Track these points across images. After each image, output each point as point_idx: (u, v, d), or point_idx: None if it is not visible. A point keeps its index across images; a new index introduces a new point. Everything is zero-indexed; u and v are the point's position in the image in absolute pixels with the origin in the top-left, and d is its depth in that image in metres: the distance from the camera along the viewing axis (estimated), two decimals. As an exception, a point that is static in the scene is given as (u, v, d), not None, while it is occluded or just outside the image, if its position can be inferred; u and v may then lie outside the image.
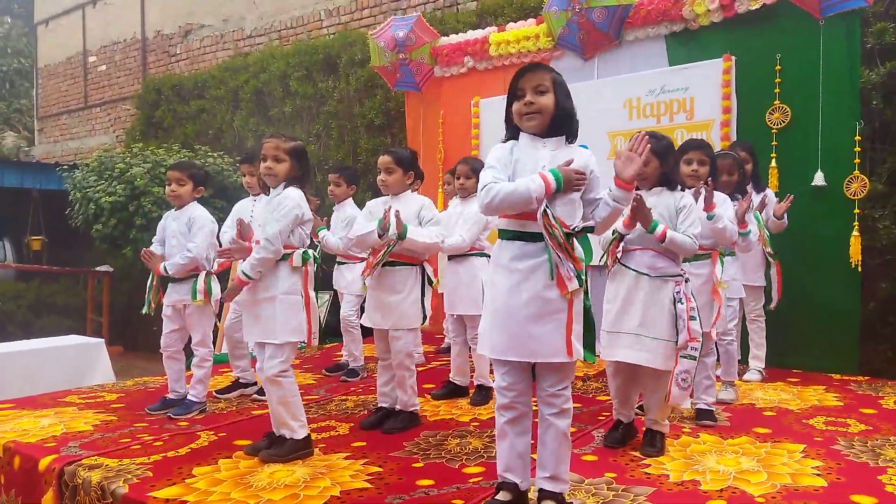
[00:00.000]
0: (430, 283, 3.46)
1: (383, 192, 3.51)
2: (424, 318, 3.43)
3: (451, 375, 4.15)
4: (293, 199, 3.01)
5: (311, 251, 3.16)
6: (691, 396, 3.16)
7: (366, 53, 7.18)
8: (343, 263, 4.76)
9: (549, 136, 2.37)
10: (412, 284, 3.40)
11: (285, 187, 3.06)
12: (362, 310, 3.75)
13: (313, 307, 3.11)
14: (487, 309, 2.38)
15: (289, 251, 3.05)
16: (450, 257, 4.03)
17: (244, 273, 2.98)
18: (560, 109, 2.34)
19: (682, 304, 2.85)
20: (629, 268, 2.95)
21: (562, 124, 2.36)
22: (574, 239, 2.29)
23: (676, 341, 2.84)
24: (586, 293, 2.32)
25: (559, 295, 2.24)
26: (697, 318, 2.91)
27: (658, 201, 2.98)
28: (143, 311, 3.96)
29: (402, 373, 3.44)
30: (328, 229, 4.46)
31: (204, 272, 3.84)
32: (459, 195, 4.07)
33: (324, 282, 4.91)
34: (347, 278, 4.72)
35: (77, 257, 10.39)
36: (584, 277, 2.30)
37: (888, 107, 4.66)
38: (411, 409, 3.48)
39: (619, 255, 3.02)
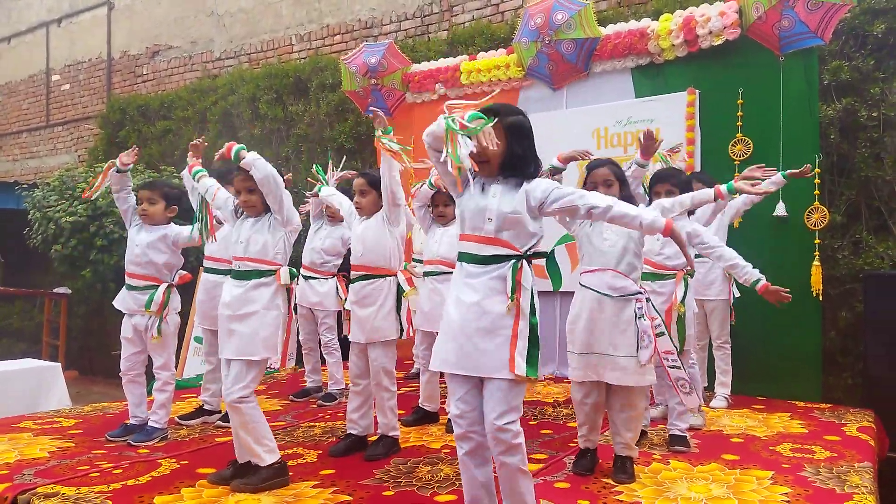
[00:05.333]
0: (402, 292, 3.43)
1: (357, 214, 3.52)
2: (401, 331, 3.41)
3: (420, 401, 4.11)
4: None
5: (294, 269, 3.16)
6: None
7: (337, 78, 7.19)
8: (313, 278, 4.67)
9: (499, 179, 2.39)
10: (385, 296, 3.39)
11: (266, 212, 3.10)
12: (339, 327, 3.71)
13: (292, 327, 3.11)
14: (442, 324, 2.42)
15: (274, 268, 3.03)
16: (426, 273, 4.00)
17: (245, 153, 2.98)
18: (509, 156, 2.35)
19: (644, 320, 2.89)
20: (590, 289, 2.98)
21: (513, 167, 2.37)
22: (526, 263, 2.32)
23: (637, 357, 2.88)
24: (533, 311, 2.31)
25: (505, 311, 2.27)
26: (666, 334, 2.98)
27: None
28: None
29: (380, 394, 3.39)
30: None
31: (164, 284, 3.76)
32: (439, 222, 4.06)
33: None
34: (321, 292, 4.63)
35: (34, 279, 10.08)
36: (531, 297, 2.32)
37: (845, 141, 4.83)
38: (392, 433, 3.42)
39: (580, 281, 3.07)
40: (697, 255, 4.21)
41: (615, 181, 3.03)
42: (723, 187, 3.28)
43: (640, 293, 2.96)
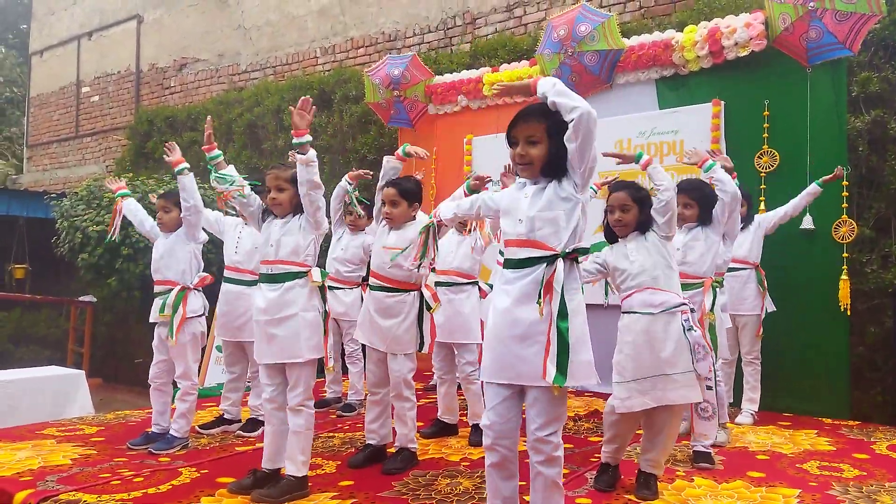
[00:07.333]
0: (429, 308, 3.42)
1: (388, 224, 3.46)
2: (422, 344, 3.39)
3: (439, 414, 4.08)
4: None
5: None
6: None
7: (360, 90, 7.24)
8: (338, 288, 4.68)
9: (538, 181, 2.37)
10: (408, 310, 3.37)
11: (294, 214, 3.11)
12: None
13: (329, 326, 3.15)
14: (486, 333, 2.41)
15: (305, 269, 3.05)
16: (440, 284, 3.98)
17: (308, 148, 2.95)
18: (552, 157, 2.32)
19: (694, 331, 2.83)
20: (632, 312, 2.93)
21: (556, 169, 2.34)
22: (563, 262, 2.26)
23: (696, 370, 2.81)
24: (563, 315, 2.22)
25: (539, 317, 2.23)
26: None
27: (637, 245, 2.98)
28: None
29: (400, 404, 3.37)
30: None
31: (178, 286, 3.80)
32: (458, 229, 4.03)
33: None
34: (346, 302, 4.64)
35: (60, 287, 10.24)
36: (562, 299, 2.25)
37: (874, 153, 4.75)
38: (410, 446, 3.40)
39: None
40: (731, 269, 4.17)
41: (633, 205, 2.98)
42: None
43: (684, 304, 2.90)
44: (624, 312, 2.98)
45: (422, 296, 3.42)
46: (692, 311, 2.94)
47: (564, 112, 2.25)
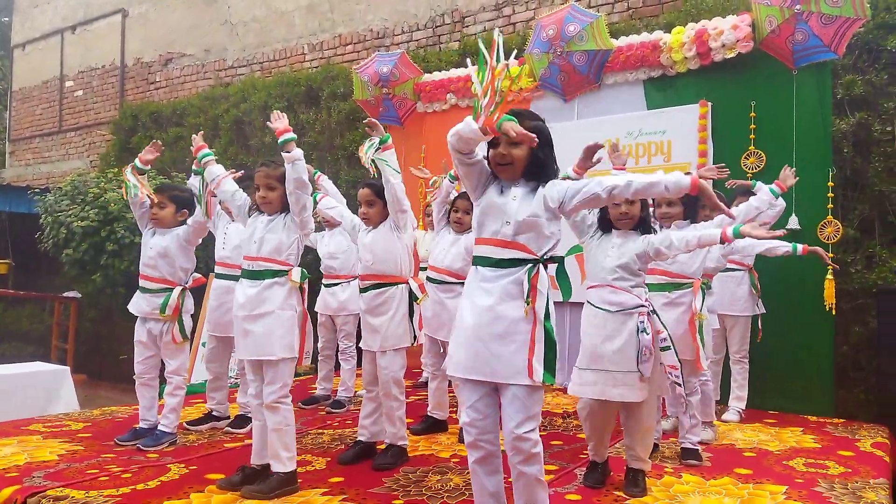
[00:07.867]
0: (415, 298, 3.42)
1: (364, 224, 3.48)
2: (413, 338, 3.41)
3: (429, 410, 4.09)
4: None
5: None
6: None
7: (348, 87, 7.23)
8: (334, 284, 4.66)
9: (520, 183, 2.39)
10: (397, 304, 3.38)
11: (282, 212, 3.09)
12: (358, 335, 3.73)
13: (308, 326, 3.11)
14: (456, 329, 2.40)
15: (287, 268, 3.04)
16: (431, 280, 3.99)
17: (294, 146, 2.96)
18: (534, 159, 2.36)
19: (646, 334, 2.84)
20: (592, 304, 2.97)
21: (535, 172, 2.38)
22: (542, 267, 2.31)
23: (639, 371, 2.84)
24: (548, 315, 2.30)
25: (523, 316, 2.25)
26: (672, 348, 2.93)
27: (624, 241, 2.99)
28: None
29: (389, 403, 3.38)
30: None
31: (179, 287, 3.77)
32: (454, 229, 4.02)
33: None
34: (341, 299, 4.63)
35: (44, 282, 10.12)
36: (546, 302, 2.31)
37: (858, 155, 4.82)
38: (400, 443, 3.40)
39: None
40: (725, 270, 4.20)
41: (637, 199, 3.00)
42: (729, 230, 2.94)
43: (643, 307, 2.91)
44: (587, 301, 3.02)
45: (410, 290, 3.43)
46: (653, 313, 2.94)
47: (644, 188, 2.35)
